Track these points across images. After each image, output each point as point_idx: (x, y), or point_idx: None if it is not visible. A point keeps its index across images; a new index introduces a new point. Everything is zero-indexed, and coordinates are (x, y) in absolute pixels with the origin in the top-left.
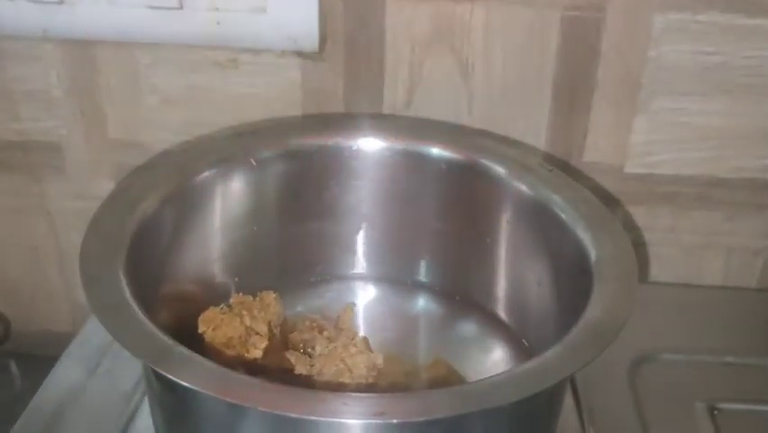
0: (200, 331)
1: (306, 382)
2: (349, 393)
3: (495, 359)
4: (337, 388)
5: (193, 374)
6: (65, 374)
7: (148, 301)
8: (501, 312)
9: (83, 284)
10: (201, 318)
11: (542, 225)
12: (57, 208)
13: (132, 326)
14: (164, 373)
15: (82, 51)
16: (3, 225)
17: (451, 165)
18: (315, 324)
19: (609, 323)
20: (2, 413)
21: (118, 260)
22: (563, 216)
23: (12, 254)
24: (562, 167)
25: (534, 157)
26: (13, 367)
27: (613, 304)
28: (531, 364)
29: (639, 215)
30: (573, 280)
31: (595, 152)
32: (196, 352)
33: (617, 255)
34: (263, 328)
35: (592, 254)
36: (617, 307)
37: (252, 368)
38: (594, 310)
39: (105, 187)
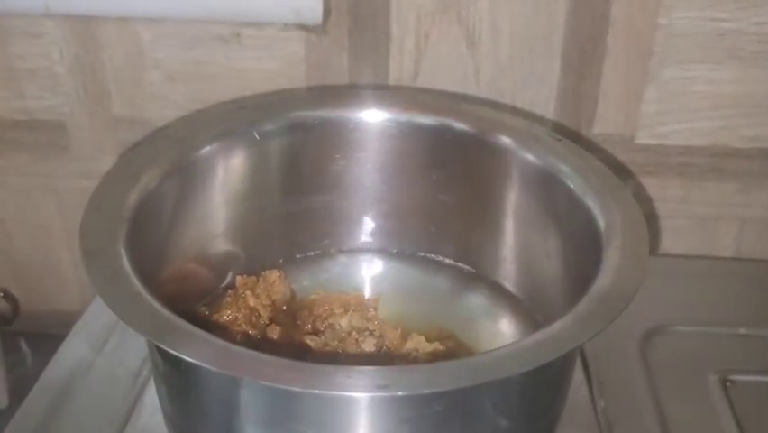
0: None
1: (317, 358)
2: (353, 366)
3: (504, 331)
4: (346, 362)
5: (195, 349)
6: (73, 352)
7: (150, 277)
8: (510, 284)
9: (83, 259)
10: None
11: (550, 194)
12: (64, 187)
13: (133, 300)
14: (166, 348)
15: (84, 28)
16: (11, 205)
17: (457, 136)
18: (352, 300)
19: (619, 293)
20: (14, 390)
21: (119, 235)
22: (572, 185)
23: (20, 234)
24: (572, 138)
25: (542, 127)
26: (24, 346)
27: (623, 274)
28: (538, 336)
29: (651, 186)
30: (583, 250)
31: (605, 122)
32: (201, 329)
33: (628, 224)
34: (266, 308)
35: (602, 224)
36: (626, 277)
37: (261, 346)
38: (603, 281)
39: (111, 164)
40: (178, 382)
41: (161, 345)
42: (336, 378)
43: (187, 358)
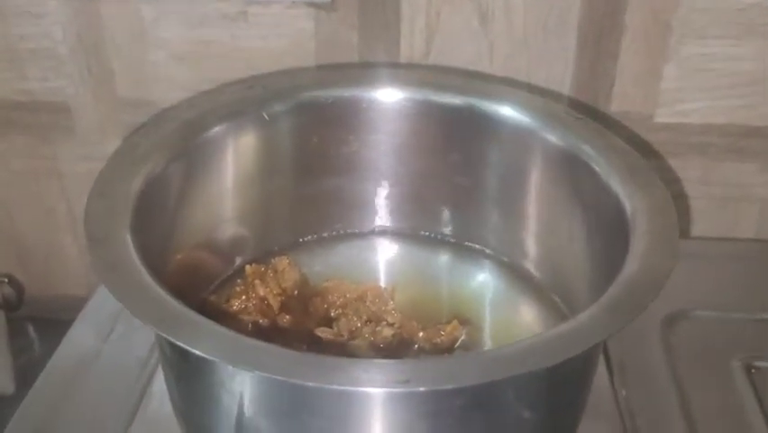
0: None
1: (330, 348)
2: (371, 360)
3: (524, 316)
4: (364, 354)
5: (202, 341)
6: (79, 340)
7: (156, 264)
8: (531, 268)
9: (88, 246)
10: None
11: (573, 176)
12: (68, 170)
13: (138, 289)
14: (172, 340)
15: (86, 6)
16: (15, 188)
17: (474, 115)
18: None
19: (648, 281)
20: (21, 376)
21: (124, 221)
22: (596, 166)
23: (24, 217)
24: (590, 117)
25: (560, 105)
26: (31, 331)
27: (652, 261)
28: (564, 327)
29: (670, 166)
30: (608, 234)
31: (623, 100)
32: (210, 318)
33: (655, 208)
34: (276, 297)
35: (628, 207)
36: (656, 263)
37: (271, 335)
38: (631, 268)
39: (116, 146)
40: (186, 373)
41: (168, 337)
42: (352, 372)
43: (194, 351)
